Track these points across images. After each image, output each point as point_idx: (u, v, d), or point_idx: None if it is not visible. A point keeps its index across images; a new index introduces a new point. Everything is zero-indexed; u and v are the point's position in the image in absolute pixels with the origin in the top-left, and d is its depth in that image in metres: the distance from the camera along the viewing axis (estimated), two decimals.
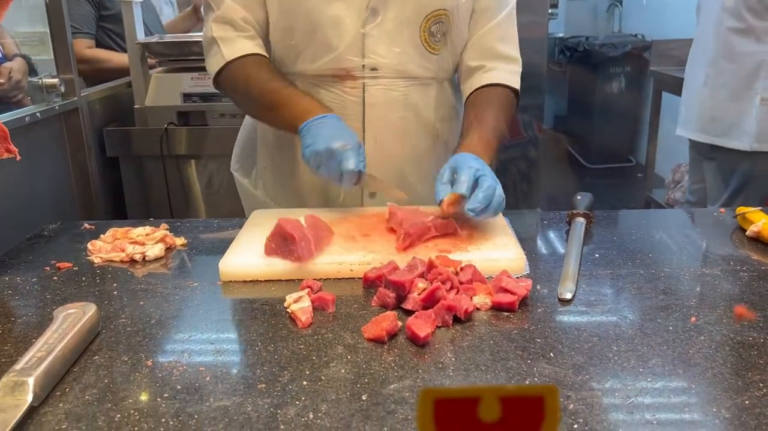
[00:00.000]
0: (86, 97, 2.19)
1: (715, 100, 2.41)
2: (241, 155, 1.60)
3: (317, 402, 0.73)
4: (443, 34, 1.35)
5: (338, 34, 1.30)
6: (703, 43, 2.47)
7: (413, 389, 0.75)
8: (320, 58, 1.33)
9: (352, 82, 1.34)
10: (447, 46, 1.37)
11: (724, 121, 2.38)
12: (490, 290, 0.95)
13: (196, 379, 0.79)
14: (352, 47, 1.31)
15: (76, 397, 0.76)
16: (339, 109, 1.33)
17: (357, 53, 1.32)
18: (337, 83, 1.35)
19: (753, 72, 2.27)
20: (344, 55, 1.32)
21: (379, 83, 1.34)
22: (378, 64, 1.33)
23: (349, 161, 1.16)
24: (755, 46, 2.24)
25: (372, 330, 0.87)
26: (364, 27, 1.30)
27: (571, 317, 0.91)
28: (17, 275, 1.12)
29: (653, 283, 1.01)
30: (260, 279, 1.06)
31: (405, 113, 1.38)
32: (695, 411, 0.71)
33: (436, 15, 1.32)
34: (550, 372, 0.78)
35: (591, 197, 1.30)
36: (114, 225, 1.29)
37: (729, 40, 2.32)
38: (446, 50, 1.38)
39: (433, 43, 1.34)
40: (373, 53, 1.32)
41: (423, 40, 1.33)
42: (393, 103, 1.36)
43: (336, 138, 1.18)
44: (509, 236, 1.15)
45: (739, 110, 2.33)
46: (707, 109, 2.45)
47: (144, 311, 0.97)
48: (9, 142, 1.10)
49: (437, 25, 1.33)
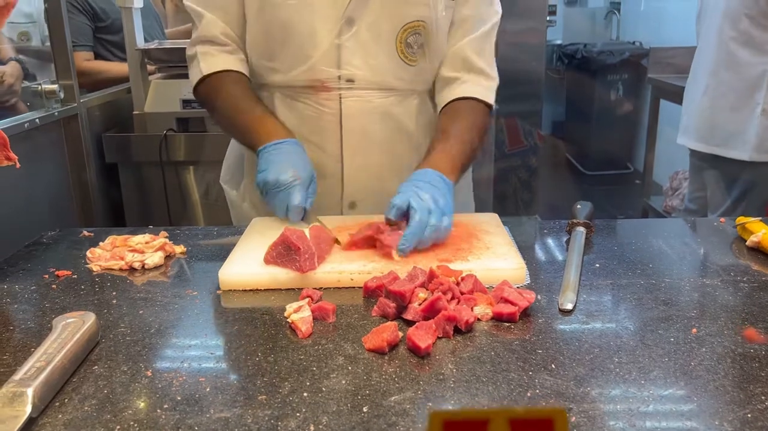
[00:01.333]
0: (85, 103, 2.19)
1: (715, 109, 2.42)
2: (230, 167, 1.60)
3: (318, 413, 0.73)
4: (420, 45, 1.34)
5: (313, 44, 1.30)
6: (705, 53, 2.48)
7: (414, 401, 0.75)
8: (295, 68, 1.33)
9: (326, 93, 1.34)
10: (425, 57, 1.36)
11: (724, 130, 2.39)
12: (491, 301, 0.94)
13: (196, 390, 0.78)
14: (326, 58, 1.31)
15: (75, 408, 0.75)
16: (315, 121, 1.34)
17: (332, 64, 1.31)
18: (312, 95, 1.35)
19: (754, 83, 2.28)
20: (319, 66, 1.31)
21: (355, 95, 1.34)
22: (354, 75, 1.32)
23: (294, 197, 1.18)
24: (756, 57, 2.24)
25: (373, 341, 0.86)
26: (339, 37, 1.29)
27: (572, 328, 0.91)
28: (16, 283, 1.11)
29: (654, 293, 1.01)
30: (260, 288, 1.06)
31: (383, 123, 1.37)
32: (697, 423, 0.70)
33: (413, 26, 1.31)
34: (551, 384, 0.77)
35: (591, 207, 1.30)
36: (113, 233, 1.29)
37: (730, 50, 2.32)
38: (425, 61, 1.36)
39: (409, 55, 1.33)
40: (348, 64, 1.31)
41: (399, 51, 1.32)
42: (370, 114, 1.35)
43: (287, 169, 1.19)
44: (510, 245, 1.15)
45: (739, 120, 2.33)
46: (707, 118, 2.45)
47: (143, 321, 0.97)
48: (9, 149, 1.10)
49: (414, 37, 1.32)
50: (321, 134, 1.37)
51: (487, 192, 3.30)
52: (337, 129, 1.35)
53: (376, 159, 1.39)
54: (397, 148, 1.41)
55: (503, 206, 3.51)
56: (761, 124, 2.27)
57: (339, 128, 1.35)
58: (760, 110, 2.27)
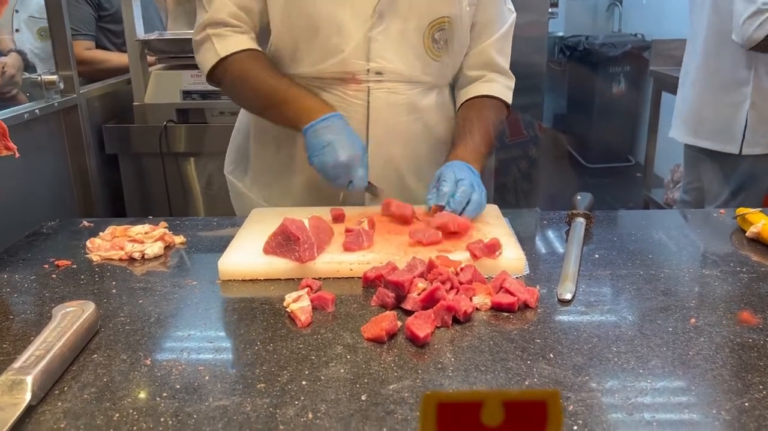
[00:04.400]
0: (85, 94, 2.18)
1: (704, 103, 2.41)
2: (235, 157, 1.59)
3: (316, 402, 0.73)
4: (445, 41, 1.36)
5: (343, 37, 1.30)
6: (695, 46, 2.46)
7: (413, 389, 0.75)
8: (324, 61, 1.33)
9: (356, 85, 1.34)
10: (448, 53, 1.38)
11: (713, 124, 2.38)
12: (489, 291, 0.94)
13: (195, 378, 0.78)
14: (357, 51, 1.31)
15: (75, 396, 0.75)
16: (342, 110, 1.32)
17: (362, 57, 1.32)
18: (340, 86, 1.35)
19: (742, 77, 2.27)
20: (350, 59, 1.32)
21: (384, 87, 1.35)
22: (383, 68, 1.33)
23: (359, 176, 1.23)
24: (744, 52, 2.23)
25: (371, 330, 0.86)
26: (371, 31, 1.30)
27: (570, 318, 0.91)
28: (15, 272, 1.11)
29: (653, 284, 1.01)
30: (260, 278, 1.06)
31: (408, 116, 1.38)
32: (695, 412, 0.71)
33: (440, 22, 1.33)
34: (549, 373, 0.78)
35: (591, 198, 1.30)
36: (113, 223, 1.29)
37: (719, 44, 2.31)
38: (447, 57, 1.39)
39: (435, 50, 1.35)
40: (379, 57, 1.32)
41: (426, 46, 1.34)
42: (397, 107, 1.37)
43: (344, 148, 1.21)
44: (509, 236, 1.15)
45: (727, 114, 2.33)
46: (696, 112, 2.45)
47: (143, 310, 0.97)
48: (8, 139, 1.10)
49: (440, 32, 1.34)
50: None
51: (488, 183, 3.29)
52: (364, 120, 1.36)
53: (399, 151, 1.40)
54: (418, 141, 1.42)
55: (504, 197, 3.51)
56: (751, 118, 2.27)
57: (366, 119, 1.36)
58: (748, 104, 2.27)
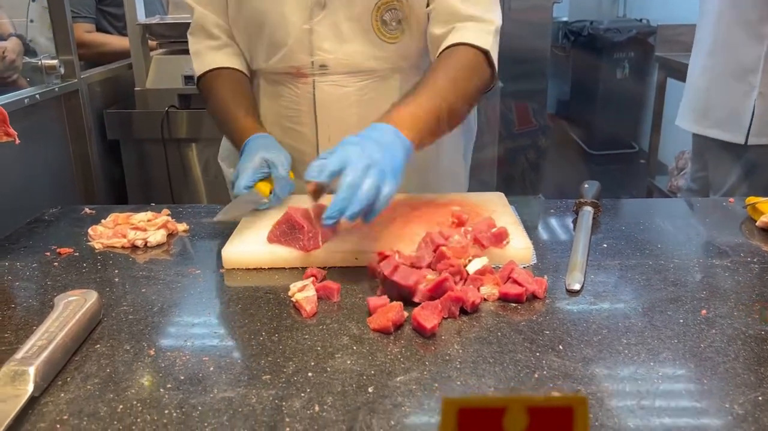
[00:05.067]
0: (86, 79, 2.16)
1: (711, 91, 2.38)
2: (227, 145, 1.58)
3: (323, 394, 0.72)
4: (399, 21, 1.27)
5: (285, 30, 1.28)
6: (704, 33, 2.43)
7: (420, 381, 0.74)
8: (272, 56, 1.32)
9: (303, 79, 1.32)
10: (406, 32, 1.29)
11: (720, 113, 2.35)
12: (497, 281, 0.93)
13: (199, 369, 0.77)
14: (299, 44, 1.28)
15: (78, 387, 0.74)
16: (294, 105, 1.33)
17: (304, 50, 1.29)
18: (290, 81, 1.34)
19: (750, 65, 2.24)
20: (292, 53, 1.29)
21: (329, 80, 1.31)
22: (326, 60, 1.29)
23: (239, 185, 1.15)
24: (755, 39, 2.20)
25: (378, 321, 0.85)
26: (309, 22, 1.26)
27: (579, 309, 0.90)
28: (17, 260, 1.10)
29: (662, 274, 1.00)
30: (264, 267, 1.05)
31: (359, 110, 1.32)
32: (707, 406, 0.69)
33: (387, 2, 1.25)
34: (559, 365, 0.76)
35: (599, 186, 1.28)
36: (115, 210, 1.27)
37: (729, 31, 2.28)
38: (406, 37, 1.30)
39: (387, 32, 1.28)
40: (319, 49, 1.28)
41: (376, 30, 1.27)
42: (345, 100, 1.32)
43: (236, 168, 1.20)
44: (516, 224, 1.13)
45: (735, 103, 2.30)
46: (703, 100, 2.42)
47: (146, 299, 0.96)
48: (8, 125, 1.08)
49: (390, 13, 1.26)
50: (299, 121, 1.36)
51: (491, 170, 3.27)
52: (312, 115, 1.34)
53: None
54: None
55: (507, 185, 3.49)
56: (758, 107, 2.24)
57: (314, 114, 1.34)
58: (756, 94, 2.24)
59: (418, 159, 1.17)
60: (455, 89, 1.16)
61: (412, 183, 1.26)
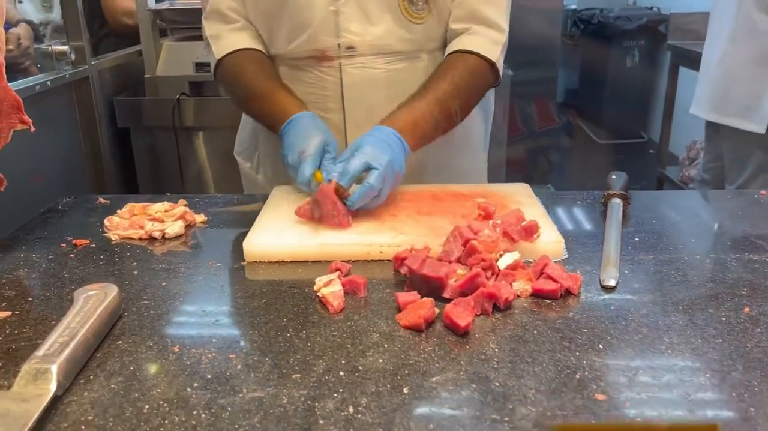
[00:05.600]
0: (96, 65, 2.13)
1: (731, 79, 2.33)
2: (243, 139, 1.55)
3: (356, 394, 0.69)
4: (426, 1, 1.25)
5: (310, 12, 1.24)
6: (723, 19, 2.38)
7: (457, 382, 0.71)
8: (294, 40, 1.28)
9: (328, 62, 1.28)
10: (432, 12, 1.27)
11: (740, 101, 2.30)
12: (530, 276, 0.90)
13: (226, 367, 0.75)
14: (324, 26, 1.24)
15: (101, 386, 0.72)
16: (320, 91, 1.28)
17: (330, 32, 1.25)
18: (315, 65, 1.29)
19: None
20: (317, 36, 1.25)
21: (357, 62, 1.27)
22: (353, 42, 1.25)
23: (301, 174, 1.12)
24: None
25: (408, 317, 0.82)
26: (335, 3, 1.23)
27: (616, 306, 0.87)
28: (32, 252, 1.07)
29: (699, 270, 0.96)
30: (286, 260, 1.02)
31: (388, 92, 1.29)
32: (760, 410, 0.66)
33: None
34: (600, 366, 0.73)
35: (626, 177, 1.24)
36: (130, 200, 1.25)
37: (751, 17, 2.23)
38: (432, 17, 1.27)
39: (414, 12, 1.25)
40: (346, 31, 1.24)
41: (403, 9, 1.24)
42: (373, 83, 1.29)
43: (294, 149, 1.15)
44: (545, 217, 1.10)
45: (756, 91, 2.25)
46: (722, 88, 2.37)
47: (167, 293, 0.93)
48: (23, 112, 1.05)
49: None
50: (325, 107, 1.31)
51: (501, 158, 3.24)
52: (339, 100, 1.30)
53: None
54: None
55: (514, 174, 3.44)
56: None
57: (341, 98, 1.30)
58: None
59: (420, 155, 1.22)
60: (458, 97, 1.23)
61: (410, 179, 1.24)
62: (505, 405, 0.67)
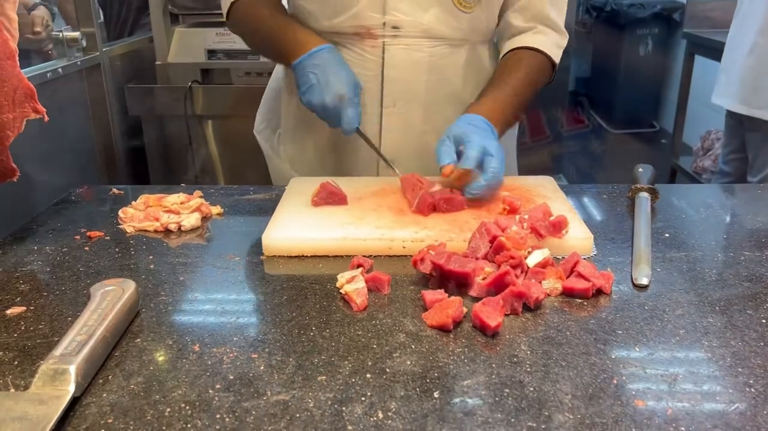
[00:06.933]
0: (107, 52, 2.09)
1: (760, 70, 2.29)
2: (264, 116, 1.53)
3: (385, 398, 0.67)
4: None
5: None
6: (753, 9, 2.33)
7: (489, 386, 0.68)
8: (339, 15, 1.25)
9: (372, 40, 1.25)
10: (481, 3, 1.26)
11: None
12: (560, 274, 0.87)
13: (249, 368, 0.72)
14: (372, 3, 1.22)
15: (121, 387, 0.69)
16: (359, 69, 1.25)
17: (377, 9, 1.22)
18: (357, 42, 1.27)
19: None
20: (364, 12, 1.23)
21: (401, 43, 1.25)
22: (400, 21, 1.23)
23: (347, 119, 1.16)
24: None
25: (435, 317, 0.79)
26: None
27: (650, 306, 0.83)
28: (46, 244, 1.05)
29: (734, 268, 0.93)
30: (307, 255, 0.99)
31: (429, 77, 1.28)
32: None
33: None
34: (638, 371, 0.70)
35: (653, 170, 1.21)
36: (143, 191, 1.22)
37: None
38: (480, 8, 1.27)
39: (464, 1, 1.24)
40: (395, 10, 1.22)
41: None
42: (416, 65, 1.27)
43: (329, 88, 1.15)
44: (573, 212, 1.07)
45: None
46: (750, 78, 2.32)
47: (185, 288, 0.90)
48: (36, 101, 1.03)
49: None
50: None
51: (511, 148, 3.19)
52: (378, 79, 1.27)
53: (418, 116, 1.30)
54: (442, 104, 1.31)
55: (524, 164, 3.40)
56: None
57: (380, 77, 1.27)
58: None
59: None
60: (530, 89, 1.28)
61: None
62: (541, 412, 0.64)
